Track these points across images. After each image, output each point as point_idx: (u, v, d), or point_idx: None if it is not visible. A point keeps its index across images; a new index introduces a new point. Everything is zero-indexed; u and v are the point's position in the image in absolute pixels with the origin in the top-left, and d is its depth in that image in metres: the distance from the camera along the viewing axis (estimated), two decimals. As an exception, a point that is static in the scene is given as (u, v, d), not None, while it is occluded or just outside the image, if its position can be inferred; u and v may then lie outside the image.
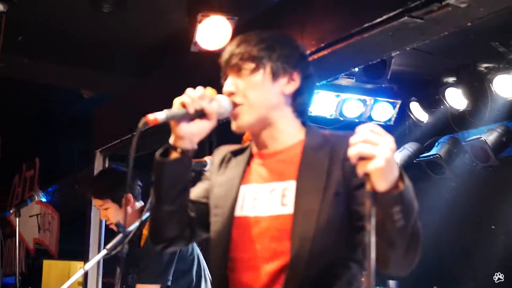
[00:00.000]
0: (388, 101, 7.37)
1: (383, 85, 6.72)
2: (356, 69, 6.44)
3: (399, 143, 7.58)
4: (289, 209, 2.28)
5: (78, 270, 4.22)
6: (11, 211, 5.10)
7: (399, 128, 7.51)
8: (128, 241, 3.08)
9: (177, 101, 2.30)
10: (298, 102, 2.43)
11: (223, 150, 2.60)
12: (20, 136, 7.95)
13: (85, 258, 7.06)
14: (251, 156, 2.50)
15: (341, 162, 2.25)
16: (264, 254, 2.29)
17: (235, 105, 2.37)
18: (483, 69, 6.70)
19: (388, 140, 1.84)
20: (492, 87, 6.48)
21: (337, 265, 2.25)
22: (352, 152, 1.82)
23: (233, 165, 2.51)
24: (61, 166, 8.22)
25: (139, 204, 4.42)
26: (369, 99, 7.26)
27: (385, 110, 7.37)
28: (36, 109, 7.95)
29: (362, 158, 1.81)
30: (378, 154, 1.80)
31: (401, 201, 1.91)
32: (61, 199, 8.40)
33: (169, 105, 2.32)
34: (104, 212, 4.42)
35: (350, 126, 6.99)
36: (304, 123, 2.48)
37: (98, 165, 7.49)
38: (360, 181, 2.00)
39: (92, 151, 7.59)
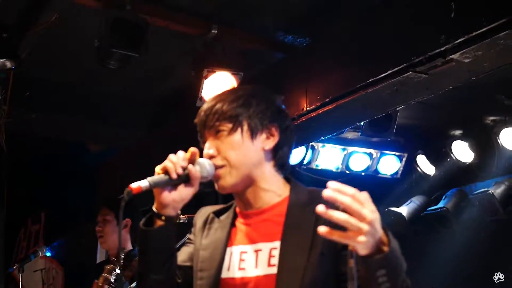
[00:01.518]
0: (394, 154, 7.34)
1: (389, 139, 6.70)
2: (362, 123, 6.43)
3: (406, 196, 7.53)
4: (276, 269, 2.24)
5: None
6: (15, 267, 5.08)
7: (406, 181, 7.46)
8: None
9: (158, 167, 2.28)
10: (279, 156, 2.41)
11: (206, 211, 2.55)
12: (26, 190, 7.93)
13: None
14: (235, 216, 2.46)
15: (327, 222, 2.22)
16: None
17: (217, 167, 2.34)
18: (489, 122, 6.68)
19: (369, 208, 1.82)
20: (498, 140, 6.46)
21: None
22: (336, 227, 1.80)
23: (217, 226, 2.46)
24: (67, 220, 8.18)
25: None
26: (375, 152, 7.24)
27: (391, 163, 7.34)
28: (43, 163, 7.95)
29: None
30: (359, 229, 1.79)
31: (386, 264, 1.89)
32: (66, 253, 8.34)
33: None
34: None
35: (356, 180, 7.00)
36: (287, 179, 2.45)
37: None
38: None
39: (97, 205, 7.55)
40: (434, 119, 6.82)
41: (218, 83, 5.03)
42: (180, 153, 2.30)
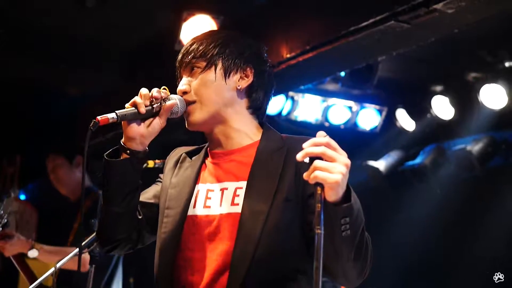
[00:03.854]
0: (374, 108, 7.31)
1: (370, 91, 6.66)
2: (343, 74, 6.38)
3: (384, 151, 7.54)
4: (239, 208, 2.25)
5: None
6: (-15, 207, 5.01)
7: (385, 135, 7.45)
8: None
9: (128, 102, 2.30)
10: (253, 98, 2.43)
11: (179, 151, 2.57)
12: (1, 133, 7.84)
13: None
14: (206, 156, 2.47)
15: (295, 168, 2.24)
16: (212, 254, 2.26)
17: (188, 103, 2.37)
18: (470, 78, 6.65)
19: (344, 156, 1.90)
20: (479, 97, 6.44)
21: (283, 274, 2.21)
22: (311, 166, 1.85)
23: (187, 165, 2.48)
24: (43, 164, 8.11)
25: None
26: (355, 105, 7.20)
27: (371, 116, 7.32)
28: (20, 106, 7.85)
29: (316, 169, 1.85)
30: (335, 169, 1.85)
31: (351, 213, 1.95)
32: (40, 196, 8.28)
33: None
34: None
35: (335, 132, 6.97)
36: (261, 124, 2.47)
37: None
38: (310, 190, 2.06)
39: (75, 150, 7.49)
40: (415, 74, 6.79)
41: (197, 27, 4.95)
42: (153, 90, 2.32)
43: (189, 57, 2.40)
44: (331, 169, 1.84)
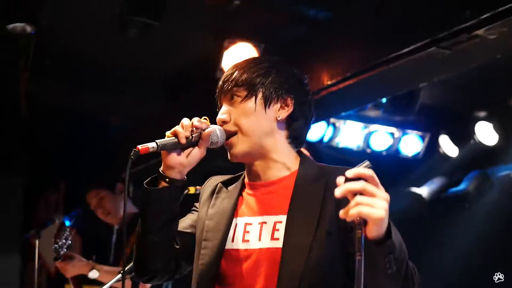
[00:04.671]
0: (416, 134, 7.25)
1: (412, 118, 6.62)
2: (384, 101, 6.35)
3: (427, 177, 7.45)
4: (280, 243, 2.21)
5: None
6: (31, 233, 5.09)
7: (428, 161, 7.37)
8: None
9: (168, 132, 2.29)
10: (293, 128, 2.38)
11: (214, 180, 2.53)
12: (46, 160, 7.96)
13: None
14: (243, 187, 2.43)
15: (334, 200, 2.19)
16: None
17: (229, 134, 2.34)
18: (514, 104, 6.58)
19: (383, 190, 1.81)
20: (523, 123, 6.37)
21: None
22: (352, 201, 1.79)
23: (224, 196, 2.43)
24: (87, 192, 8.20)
25: None
26: (397, 132, 7.16)
27: (413, 143, 7.25)
28: (64, 133, 7.97)
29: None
30: (378, 205, 1.78)
31: (393, 249, 1.89)
32: (85, 223, 8.36)
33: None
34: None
35: (377, 159, 6.93)
36: (298, 153, 2.42)
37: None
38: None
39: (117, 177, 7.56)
40: (458, 100, 6.74)
41: (238, 54, 4.98)
42: (194, 119, 2.31)
43: (230, 85, 2.36)
44: (374, 205, 1.77)
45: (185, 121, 2.29)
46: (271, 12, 5.28)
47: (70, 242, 4.64)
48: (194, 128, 2.30)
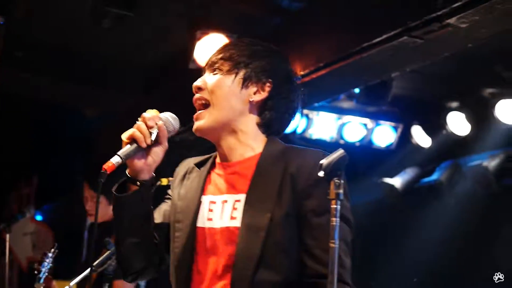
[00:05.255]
0: (389, 125, 7.28)
1: (385, 108, 6.64)
2: (357, 91, 6.37)
3: (400, 168, 7.49)
4: (238, 222, 2.22)
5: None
6: (1, 227, 5.01)
7: (401, 152, 7.41)
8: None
9: (124, 136, 2.27)
10: (265, 116, 2.38)
11: (188, 162, 2.53)
12: (18, 153, 7.89)
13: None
14: (213, 166, 2.43)
15: (292, 181, 2.20)
16: (217, 268, 2.23)
17: (200, 106, 2.35)
18: (486, 94, 6.61)
19: None
20: (495, 113, 6.40)
21: None
22: None
23: (194, 175, 2.43)
24: (59, 185, 8.13)
25: None
26: (370, 123, 7.18)
27: (386, 134, 7.28)
28: (37, 125, 7.90)
29: None
30: None
31: None
32: (57, 218, 8.30)
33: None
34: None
35: (350, 150, 6.94)
36: (268, 137, 2.41)
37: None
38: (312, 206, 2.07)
39: (92, 171, 7.49)
40: (430, 90, 6.77)
41: (211, 45, 4.96)
42: (145, 117, 2.29)
43: (217, 58, 2.38)
44: None
45: (140, 124, 2.27)
46: (245, 2, 5.28)
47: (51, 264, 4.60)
48: (149, 128, 2.29)
